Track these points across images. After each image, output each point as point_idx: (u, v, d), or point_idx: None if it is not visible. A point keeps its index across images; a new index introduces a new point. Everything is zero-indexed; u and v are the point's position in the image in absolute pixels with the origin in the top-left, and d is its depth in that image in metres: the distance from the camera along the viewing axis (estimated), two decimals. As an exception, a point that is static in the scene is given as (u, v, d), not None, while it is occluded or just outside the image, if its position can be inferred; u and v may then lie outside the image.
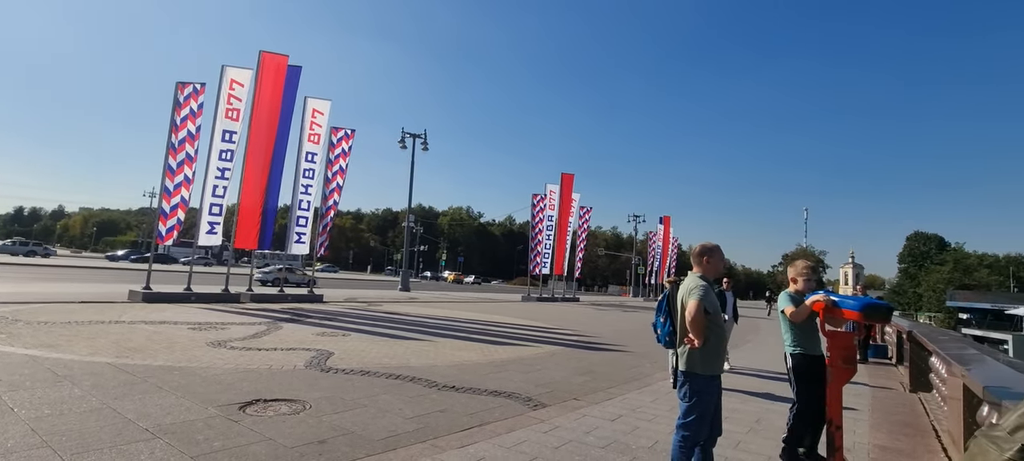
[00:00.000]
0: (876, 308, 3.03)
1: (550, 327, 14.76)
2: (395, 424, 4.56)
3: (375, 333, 10.68)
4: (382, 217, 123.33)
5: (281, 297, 17.09)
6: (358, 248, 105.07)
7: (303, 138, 18.17)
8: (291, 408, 4.82)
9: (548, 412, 5.38)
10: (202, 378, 5.73)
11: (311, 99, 18.59)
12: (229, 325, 10.30)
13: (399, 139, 30.89)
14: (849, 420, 5.89)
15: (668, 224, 48.10)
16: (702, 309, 3.05)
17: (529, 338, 11.80)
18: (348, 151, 19.86)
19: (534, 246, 31.97)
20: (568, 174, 32.44)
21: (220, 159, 15.64)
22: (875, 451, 4.85)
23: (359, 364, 7.18)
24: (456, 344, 9.92)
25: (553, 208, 31.97)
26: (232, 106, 15.81)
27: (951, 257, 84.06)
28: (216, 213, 15.74)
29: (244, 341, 8.47)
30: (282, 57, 16.72)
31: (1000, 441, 1.40)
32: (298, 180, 18.11)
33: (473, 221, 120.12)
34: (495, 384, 6.54)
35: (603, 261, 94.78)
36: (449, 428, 4.56)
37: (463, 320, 14.96)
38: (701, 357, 3.12)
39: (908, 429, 5.78)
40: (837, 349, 3.06)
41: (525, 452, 4.08)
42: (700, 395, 3.13)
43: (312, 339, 9.21)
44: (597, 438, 4.59)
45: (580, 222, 35.55)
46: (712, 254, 3.33)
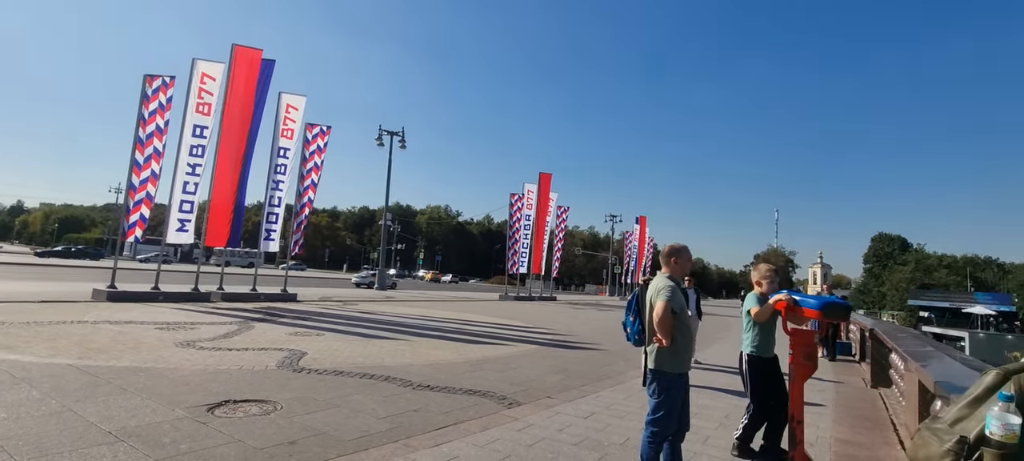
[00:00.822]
0: (835, 307, 3.15)
1: (527, 326, 14.82)
2: (368, 424, 4.54)
3: (350, 332, 10.57)
4: (359, 215, 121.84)
5: (254, 296, 16.76)
6: (334, 246, 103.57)
7: (276, 134, 17.86)
8: (261, 409, 4.75)
9: (522, 410, 5.42)
10: (169, 379, 5.59)
11: (286, 94, 18.28)
12: (199, 325, 10.06)
13: (376, 137, 30.61)
14: (814, 415, 6.09)
15: (644, 224, 48.76)
16: (669, 309, 3.12)
17: (505, 337, 11.83)
18: (324, 148, 19.58)
19: (512, 245, 32.05)
20: (546, 174, 32.62)
21: (191, 155, 15.23)
22: (836, 444, 5.04)
23: (333, 364, 7.10)
24: (432, 343, 9.89)
25: (531, 207, 32.09)
26: (203, 101, 15.42)
27: (913, 258, 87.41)
28: (187, 210, 15.30)
29: (214, 341, 8.29)
30: (255, 51, 16.38)
31: (941, 433, 1.48)
32: (271, 176, 17.79)
33: (451, 220, 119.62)
34: (470, 383, 6.55)
35: (580, 260, 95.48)
36: (423, 427, 4.56)
37: (440, 319, 14.91)
38: (669, 355, 3.20)
39: (868, 423, 6.01)
40: (799, 346, 3.18)
41: (499, 450, 4.11)
42: (668, 392, 3.21)
43: (285, 339, 9.07)
44: (570, 435, 4.65)
45: (557, 221, 35.79)
46: (679, 255, 3.42)
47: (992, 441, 1.37)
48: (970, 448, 1.40)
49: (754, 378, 3.67)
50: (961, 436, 1.43)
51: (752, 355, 3.68)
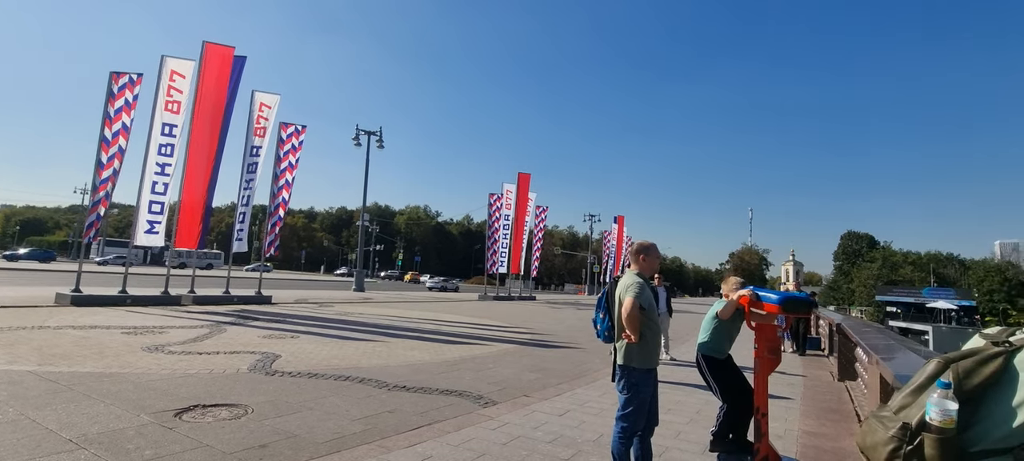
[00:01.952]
0: (795, 301, 3.25)
1: (505, 325, 14.84)
2: (341, 426, 4.50)
3: (325, 335, 10.44)
4: (336, 216, 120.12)
5: (227, 299, 16.40)
6: (311, 248, 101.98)
7: (249, 132, 17.52)
8: (232, 413, 4.66)
9: (498, 409, 5.43)
10: (135, 384, 5.45)
11: (259, 93, 17.94)
12: (168, 329, 9.81)
13: (354, 136, 30.27)
14: (783, 408, 6.26)
15: (622, 223, 49.27)
16: (638, 306, 3.18)
17: (483, 337, 11.83)
18: (299, 147, 19.29)
19: (491, 245, 32.03)
20: (524, 174, 32.66)
21: (160, 154, 14.81)
22: (803, 436, 5.19)
23: (307, 366, 7.00)
24: (409, 344, 9.83)
25: (510, 207, 32.11)
26: (172, 98, 15.02)
27: (880, 255, 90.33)
28: (157, 211, 14.86)
29: (184, 345, 8.09)
30: (227, 49, 16.03)
31: (886, 420, 1.54)
32: (243, 176, 17.44)
33: (430, 220, 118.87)
34: (447, 383, 6.54)
35: (559, 260, 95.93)
36: (397, 428, 4.54)
37: (418, 320, 14.83)
38: (638, 351, 3.25)
39: (834, 415, 6.20)
40: (763, 341, 3.27)
41: (473, 449, 4.11)
42: (637, 388, 3.27)
43: (258, 342, 8.90)
44: (544, 433, 4.68)
45: (536, 221, 35.90)
46: (648, 252, 3.48)
47: (932, 426, 1.43)
48: (912, 434, 1.46)
49: (715, 376, 3.77)
50: (904, 423, 1.49)
51: (706, 355, 3.79)
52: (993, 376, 1.43)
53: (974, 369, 1.46)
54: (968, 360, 1.49)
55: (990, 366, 1.44)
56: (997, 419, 1.40)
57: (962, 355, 1.53)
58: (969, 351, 1.53)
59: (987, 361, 1.45)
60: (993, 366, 1.43)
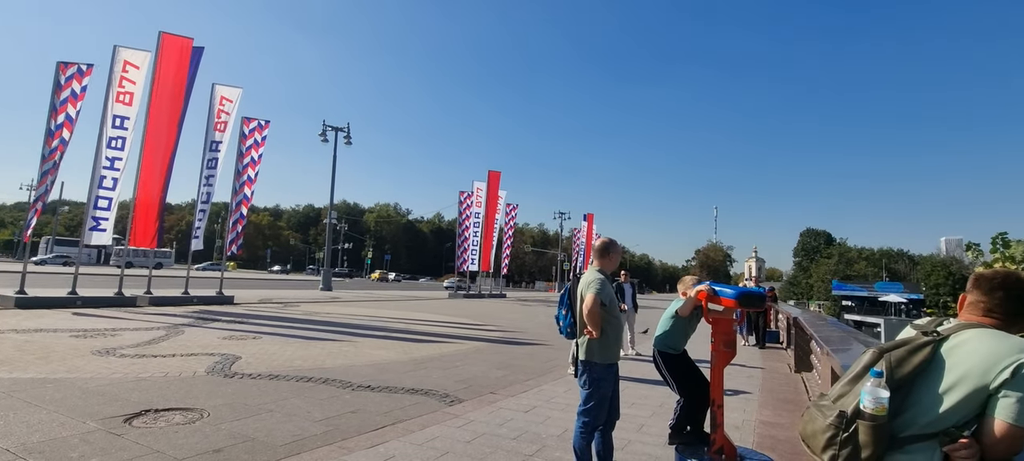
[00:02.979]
0: (750, 296, 3.36)
1: (475, 323, 14.81)
2: (302, 427, 4.40)
3: (289, 335, 10.19)
4: (303, 214, 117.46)
5: (185, 299, 15.81)
6: (277, 246, 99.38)
7: (209, 127, 16.92)
8: (186, 417, 4.50)
9: (464, 407, 5.42)
10: (83, 390, 5.20)
11: (220, 86, 17.34)
12: (121, 331, 9.40)
13: (320, 132, 29.61)
14: (743, 399, 6.46)
15: (591, 221, 49.76)
16: (599, 302, 3.22)
17: (452, 335, 11.78)
18: (262, 142, 18.74)
19: (461, 243, 31.90)
20: (495, 171, 32.65)
21: (110, 148, 14.14)
22: (760, 426, 5.37)
23: (268, 368, 6.82)
24: (376, 343, 9.70)
25: (480, 205, 32.04)
26: (124, 90, 14.34)
27: (836, 251, 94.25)
28: (104, 208, 14.18)
29: (137, 348, 7.77)
30: (186, 40, 15.42)
31: (825, 409, 1.61)
32: (202, 171, 16.84)
33: (401, 218, 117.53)
34: (413, 382, 6.49)
35: (530, 257, 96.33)
36: (360, 428, 4.47)
37: (386, 319, 14.64)
38: (599, 347, 3.30)
39: (790, 405, 6.43)
40: (719, 334, 3.36)
41: (437, 448, 4.09)
42: (598, 382, 3.31)
43: (217, 343, 8.62)
44: (510, 430, 4.70)
45: (507, 219, 35.93)
46: (609, 250, 3.53)
47: (865, 414, 1.50)
48: (847, 421, 1.53)
49: (671, 372, 3.86)
50: (840, 411, 1.55)
51: (662, 351, 3.88)
52: (922, 364, 1.50)
53: (905, 358, 1.53)
54: (900, 350, 1.56)
55: (919, 355, 1.52)
56: (925, 405, 1.47)
57: (895, 345, 1.60)
58: (901, 341, 1.61)
59: (917, 350, 1.53)
60: (922, 355, 1.51)
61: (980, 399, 1.38)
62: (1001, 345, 1.40)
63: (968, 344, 1.46)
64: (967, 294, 1.60)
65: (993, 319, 1.51)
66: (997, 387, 1.35)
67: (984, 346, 1.42)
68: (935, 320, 1.62)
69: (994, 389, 1.36)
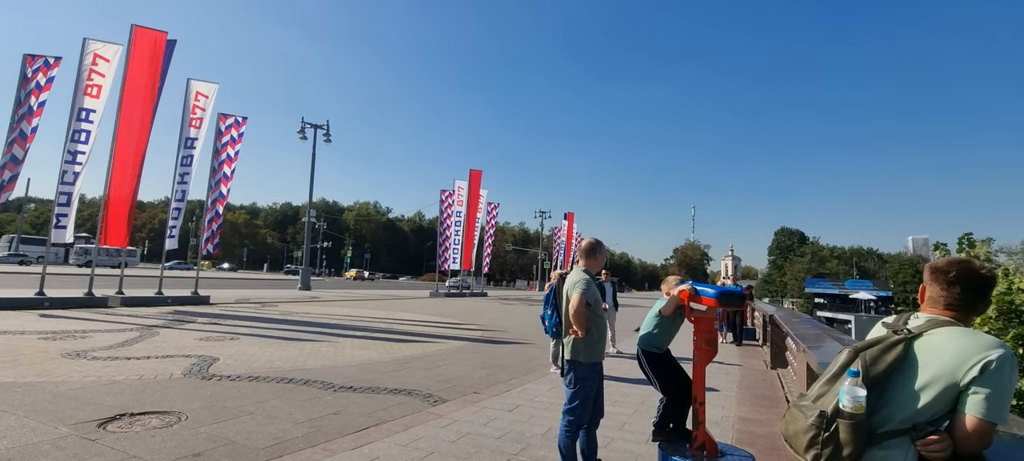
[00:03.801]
0: (730, 295, 3.43)
1: (457, 322, 14.78)
2: (284, 430, 4.34)
3: (268, 336, 10.03)
4: (281, 212, 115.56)
5: (159, 300, 15.40)
6: (254, 245, 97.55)
7: (184, 123, 16.52)
8: (163, 421, 4.40)
9: (448, 407, 5.42)
10: (53, 394, 5.04)
11: (195, 81, 16.94)
12: (92, 333, 9.12)
13: (299, 129, 29.15)
14: (721, 396, 6.58)
15: (572, 220, 50.07)
16: (585, 302, 3.26)
17: (434, 335, 11.74)
18: (238, 139, 18.37)
19: (443, 242, 31.77)
20: (476, 170, 32.58)
21: (73, 141, 13.65)
22: (738, 422, 5.49)
23: (247, 369, 6.71)
24: (357, 343, 9.61)
25: (461, 204, 31.95)
26: (93, 83, 13.90)
27: (809, 249, 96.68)
28: (64, 203, 13.64)
29: (110, 350, 7.55)
30: (160, 33, 15.00)
31: (805, 409, 1.66)
32: (177, 168, 16.43)
33: (381, 216, 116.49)
34: (396, 382, 6.45)
35: (511, 256, 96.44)
36: (343, 430, 4.44)
37: (367, 318, 14.52)
38: (584, 346, 3.34)
39: (766, 401, 6.59)
40: (701, 333, 3.43)
41: (421, 448, 4.09)
42: (583, 381, 3.35)
43: (194, 345, 8.44)
44: (494, 429, 4.72)
45: (488, 218, 35.88)
46: (595, 250, 3.58)
47: (844, 412, 1.56)
48: (828, 421, 1.58)
49: (654, 371, 3.91)
50: (821, 411, 1.61)
51: (646, 350, 3.93)
52: (895, 362, 1.57)
53: (879, 357, 1.60)
54: (874, 349, 1.63)
55: (892, 353, 1.58)
56: (900, 402, 1.54)
57: (868, 344, 1.67)
58: (874, 340, 1.68)
59: (890, 349, 1.60)
60: (895, 353, 1.58)
61: (951, 396, 1.45)
62: (970, 343, 1.46)
63: (938, 342, 1.52)
64: (926, 286, 1.67)
65: (953, 311, 1.58)
66: (967, 384, 1.42)
67: (953, 344, 1.49)
68: (903, 317, 1.69)
69: (964, 386, 1.42)
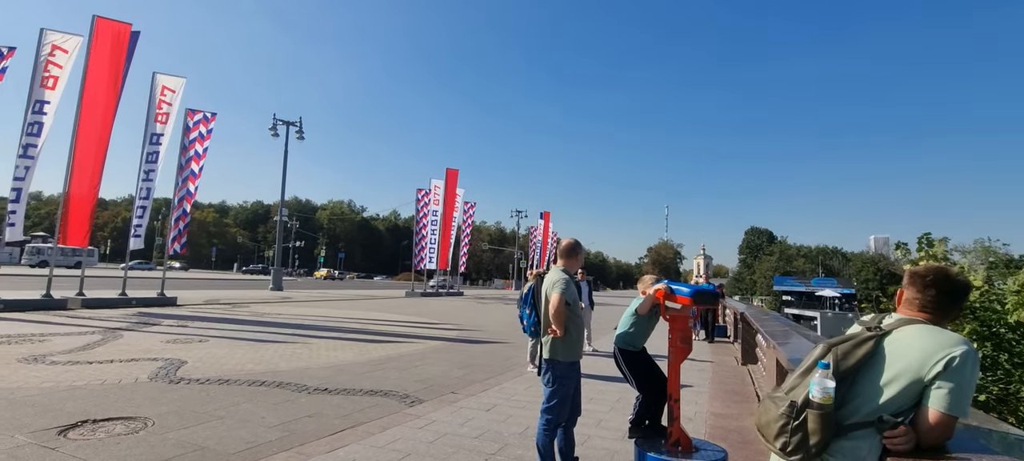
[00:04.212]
0: (704, 293, 3.51)
1: (433, 322, 14.70)
2: (256, 434, 4.25)
3: (239, 337, 9.79)
4: (251, 211, 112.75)
5: (123, 301, 14.86)
6: (223, 244, 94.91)
7: (150, 118, 15.96)
8: (128, 427, 4.25)
9: (425, 408, 5.39)
10: (9, 400, 4.81)
11: (161, 75, 16.40)
12: (51, 336, 8.74)
13: (271, 126, 28.49)
14: (694, 393, 6.72)
15: (548, 219, 50.29)
16: (564, 301, 3.29)
17: (411, 335, 11.65)
18: (207, 135, 17.86)
19: (419, 241, 31.53)
20: (453, 169, 32.42)
21: (28, 135, 13.05)
22: (711, 417, 5.61)
23: (217, 372, 6.54)
24: (332, 344, 9.46)
25: (438, 203, 31.75)
26: (50, 74, 13.31)
27: (778, 248, 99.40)
28: (14, 199, 12.99)
29: (70, 354, 7.25)
30: (123, 25, 14.46)
31: (778, 400, 1.72)
32: (141, 165, 15.86)
33: (355, 215, 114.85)
34: (372, 383, 6.38)
35: (487, 255, 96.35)
36: (318, 433, 4.37)
37: (341, 319, 14.30)
38: (562, 345, 3.36)
39: (737, 397, 6.75)
40: (676, 331, 3.50)
41: (398, 450, 4.05)
42: (561, 380, 3.38)
43: (160, 347, 8.18)
44: (471, 429, 4.71)
45: (464, 217, 35.77)
46: (576, 250, 3.61)
47: (813, 403, 1.62)
48: (797, 411, 1.64)
49: (631, 369, 3.97)
50: (791, 401, 1.67)
51: (623, 348, 3.99)
52: (865, 357, 1.63)
53: (850, 352, 1.66)
54: (845, 344, 1.69)
55: (862, 349, 1.65)
56: (867, 396, 1.60)
57: (842, 340, 1.73)
58: (848, 336, 1.75)
59: (860, 344, 1.66)
60: (865, 349, 1.64)
61: (916, 390, 1.52)
62: (934, 340, 1.54)
63: (906, 339, 1.59)
64: (904, 290, 1.74)
65: (927, 314, 1.65)
66: (931, 379, 1.49)
67: (919, 341, 1.56)
68: (878, 316, 1.76)
69: (928, 381, 1.49)
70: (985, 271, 9.99)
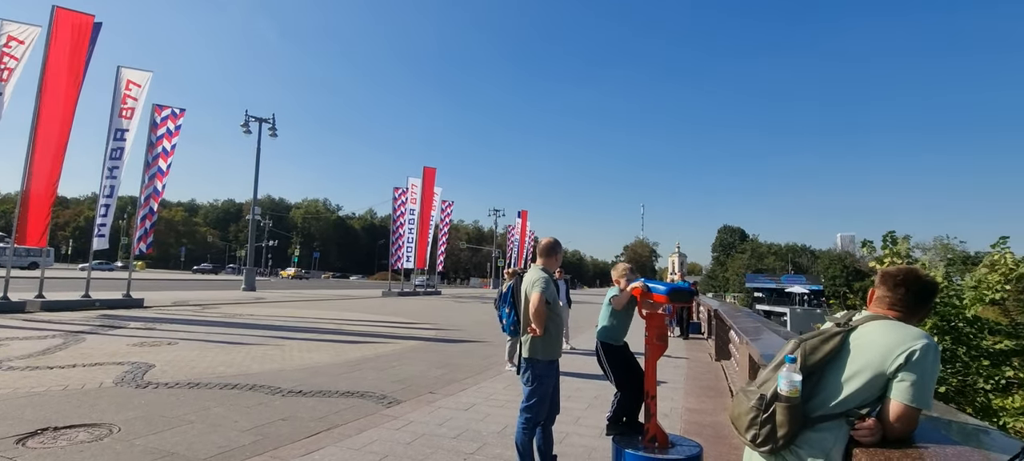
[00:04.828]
0: (679, 291, 3.58)
1: (410, 322, 14.58)
2: (229, 438, 4.15)
3: (210, 340, 9.54)
4: (223, 209, 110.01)
5: (86, 303, 14.31)
6: (193, 244, 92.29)
7: (114, 114, 15.40)
8: (92, 434, 4.10)
9: (402, 408, 5.34)
10: (-38, 409, 4.59)
11: (126, 69, 15.82)
12: (7, 341, 8.37)
13: (243, 123, 27.83)
14: (669, 389, 6.83)
15: (525, 218, 50.43)
16: (544, 301, 3.30)
17: (388, 335, 11.53)
18: (175, 132, 17.33)
19: (396, 240, 31.25)
20: (430, 168, 32.23)
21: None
22: (686, 413, 5.72)
23: (188, 376, 6.36)
24: (306, 345, 9.30)
25: (415, 202, 31.52)
26: (5, 65, 12.73)
27: (749, 246, 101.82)
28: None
29: (29, 359, 6.95)
30: (85, 16, 13.90)
31: (750, 393, 1.77)
32: (106, 162, 15.29)
33: (331, 214, 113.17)
34: (348, 385, 6.30)
35: (465, 254, 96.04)
36: (293, 436, 4.29)
37: (316, 319, 14.07)
38: (542, 344, 3.38)
39: (711, 392, 6.89)
40: (652, 329, 3.55)
41: (375, 452, 4.01)
42: (541, 379, 3.40)
43: (126, 351, 7.91)
44: (449, 429, 4.69)
45: (442, 216, 35.60)
46: (555, 249, 3.64)
47: (781, 396, 1.67)
48: (767, 403, 1.69)
49: (611, 363, 4.01)
50: (761, 394, 1.72)
51: (604, 342, 4.03)
52: (831, 352, 1.69)
53: (817, 346, 1.72)
54: (814, 339, 1.75)
55: (830, 344, 1.71)
56: (833, 389, 1.66)
57: (811, 336, 1.79)
58: (818, 332, 1.81)
59: (828, 340, 1.72)
60: (832, 344, 1.70)
61: (880, 383, 1.58)
62: (897, 334, 1.60)
63: (871, 334, 1.65)
64: (875, 289, 1.81)
65: (896, 312, 1.72)
66: (893, 372, 1.55)
67: (883, 336, 1.62)
68: (849, 314, 1.82)
69: (891, 374, 1.55)
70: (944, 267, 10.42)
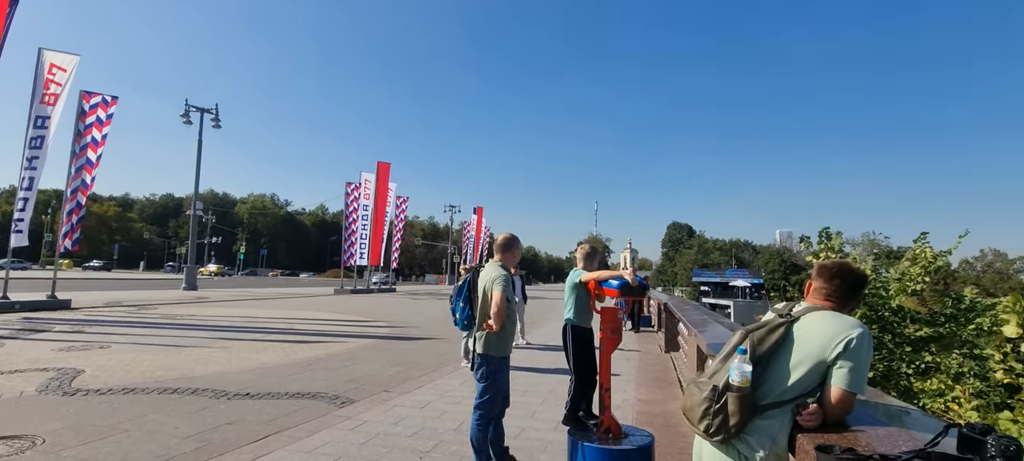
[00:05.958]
0: (631, 288, 3.67)
1: (364, 320, 14.28)
2: (168, 447, 3.93)
3: (147, 342, 8.99)
4: (161, 204, 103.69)
5: (3, 305, 13.15)
6: (127, 241, 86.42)
7: (35, 99, 14.20)
8: (12, 447, 3.79)
9: (356, 408, 5.23)
10: None
11: (49, 52, 14.60)
12: (-92, 348, 7.59)
13: (182, 113, 26.28)
14: (621, 381, 7.01)
15: (481, 214, 50.33)
16: (505, 298, 3.31)
17: (340, 333, 11.24)
18: (106, 121, 16.15)
19: (348, 236, 30.47)
20: (384, 163, 31.55)
21: None
22: (637, 403, 5.89)
23: (122, 381, 5.97)
24: (254, 346, 8.94)
25: (368, 198, 30.82)
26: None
27: (696, 242, 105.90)
28: None
29: (-65, 367, 6.33)
30: (-2, -7, 12.70)
31: (701, 385, 1.84)
32: (25, 151, 14.09)
33: (279, 210, 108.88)
34: (299, 386, 6.10)
35: (420, 250, 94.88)
36: (239, 441, 4.11)
37: (264, 319, 13.52)
38: (496, 340, 3.39)
39: (661, 383, 7.13)
40: (606, 322, 3.63)
41: (328, 453, 3.91)
42: (495, 375, 3.41)
43: (51, 356, 7.34)
44: (405, 427, 4.63)
45: (397, 212, 35.00)
46: (513, 245, 3.65)
47: (732, 386, 1.74)
48: (719, 394, 1.76)
49: (575, 345, 4.00)
50: (714, 385, 1.79)
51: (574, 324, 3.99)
52: (777, 342, 1.78)
53: (764, 337, 1.81)
54: (760, 331, 1.84)
55: (775, 335, 1.80)
56: (779, 377, 1.75)
57: (757, 327, 1.88)
58: (763, 323, 1.90)
59: (773, 330, 1.81)
60: (777, 335, 1.79)
61: (821, 371, 1.68)
62: (836, 324, 1.71)
63: (812, 325, 1.76)
64: (812, 281, 1.92)
65: (832, 303, 1.83)
66: (833, 360, 1.65)
67: (822, 326, 1.72)
68: (790, 305, 1.92)
69: (830, 361, 1.66)
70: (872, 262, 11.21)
